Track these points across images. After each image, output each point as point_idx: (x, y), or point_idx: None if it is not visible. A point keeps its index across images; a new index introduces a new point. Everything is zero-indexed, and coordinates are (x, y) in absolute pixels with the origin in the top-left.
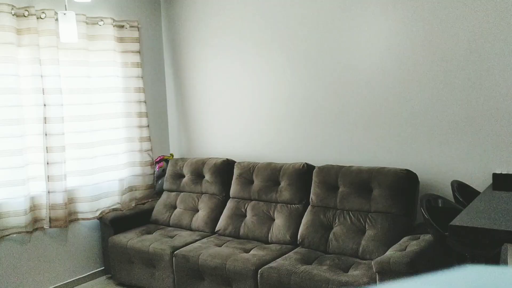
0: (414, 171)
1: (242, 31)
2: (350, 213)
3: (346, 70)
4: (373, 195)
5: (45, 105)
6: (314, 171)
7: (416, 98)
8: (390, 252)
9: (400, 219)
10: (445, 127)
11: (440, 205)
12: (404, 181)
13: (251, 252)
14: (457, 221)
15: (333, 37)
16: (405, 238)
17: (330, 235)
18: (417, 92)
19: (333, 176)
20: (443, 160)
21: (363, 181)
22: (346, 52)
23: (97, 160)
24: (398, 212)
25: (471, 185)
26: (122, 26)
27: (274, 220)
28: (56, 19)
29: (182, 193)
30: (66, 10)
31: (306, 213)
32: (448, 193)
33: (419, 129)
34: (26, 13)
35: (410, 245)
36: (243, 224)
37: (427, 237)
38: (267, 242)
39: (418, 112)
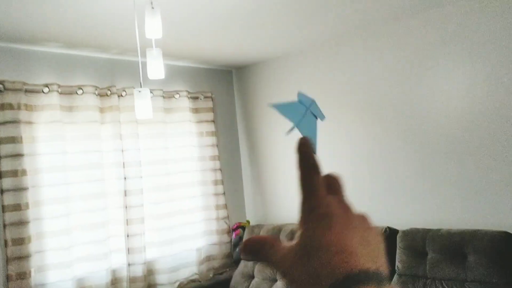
0: None
1: (314, 92)
2: (443, 283)
3: (426, 124)
4: (468, 261)
5: (125, 178)
6: (397, 235)
7: (506, 152)
8: None
9: None
10: None
11: None
12: (504, 245)
13: None
14: None
15: (409, 90)
16: None
17: None
18: (506, 146)
19: (419, 241)
20: None
21: (455, 245)
22: (424, 104)
23: (175, 230)
24: (500, 281)
25: None
26: (197, 98)
27: None
28: None
29: (259, 262)
30: (141, 87)
31: (392, 283)
32: None
33: None
34: (108, 93)
35: None
36: None
37: None
38: None
39: (508, 166)
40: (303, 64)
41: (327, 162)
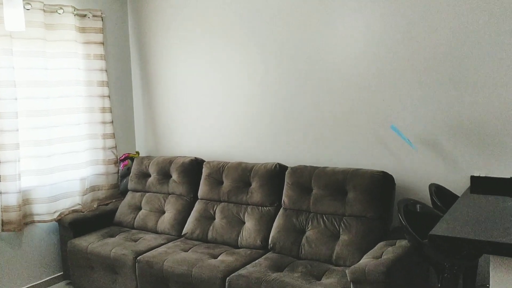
0: (391, 173)
1: (212, 24)
2: (324, 217)
3: (321, 67)
4: (348, 198)
5: None
6: (286, 172)
7: (393, 98)
8: (365, 260)
9: (376, 224)
10: (423, 128)
11: (418, 210)
12: (380, 184)
13: (219, 257)
14: (437, 230)
15: (307, 33)
16: (380, 244)
17: (303, 240)
18: (394, 91)
19: (306, 178)
20: (420, 162)
21: (337, 183)
22: (321, 49)
23: (56, 158)
24: (374, 216)
25: (449, 188)
26: (84, 16)
27: (244, 223)
28: None
29: (147, 194)
30: None
31: (277, 216)
32: (426, 196)
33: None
34: None
35: (386, 251)
36: (211, 227)
37: (403, 243)
38: (236, 247)
39: (394, 112)
40: None
41: (222, 101)
